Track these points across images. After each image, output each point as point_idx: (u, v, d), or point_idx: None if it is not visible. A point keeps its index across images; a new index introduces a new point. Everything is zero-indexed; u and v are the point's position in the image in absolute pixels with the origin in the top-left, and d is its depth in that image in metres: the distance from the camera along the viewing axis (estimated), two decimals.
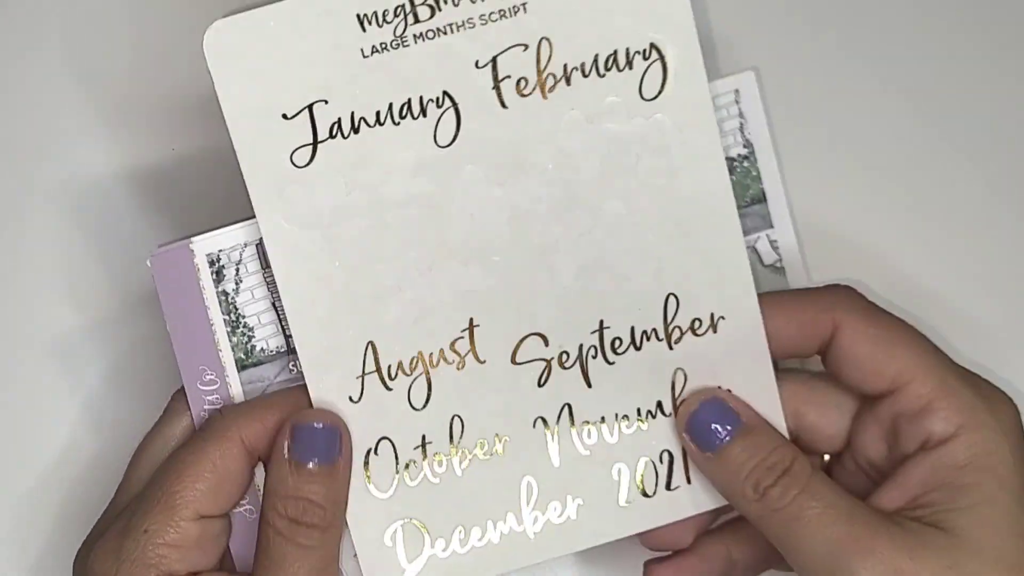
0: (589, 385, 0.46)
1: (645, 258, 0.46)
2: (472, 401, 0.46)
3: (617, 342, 0.46)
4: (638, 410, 0.46)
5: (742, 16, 0.54)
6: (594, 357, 0.46)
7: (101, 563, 0.43)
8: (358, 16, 0.44)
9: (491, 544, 0.46)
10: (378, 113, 0.44)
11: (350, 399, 0.45)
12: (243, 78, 0.44)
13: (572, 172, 0.45)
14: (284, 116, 0.44)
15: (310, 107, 0.44)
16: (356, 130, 0.44)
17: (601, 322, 0.46)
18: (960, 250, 0.54)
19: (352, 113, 0.44)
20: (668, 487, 0.47)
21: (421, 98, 0.44)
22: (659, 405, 0.46)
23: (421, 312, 0.45)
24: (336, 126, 0.44)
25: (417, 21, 0.44)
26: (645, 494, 0.47)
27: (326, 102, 0.44)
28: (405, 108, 0.44)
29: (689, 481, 0.47)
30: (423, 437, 0.46)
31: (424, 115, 0.44)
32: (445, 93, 0.44)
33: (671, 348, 0.46)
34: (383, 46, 0.44)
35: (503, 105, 0.45)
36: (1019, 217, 0.54)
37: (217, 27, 0.43)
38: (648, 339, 0.46)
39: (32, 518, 0.53)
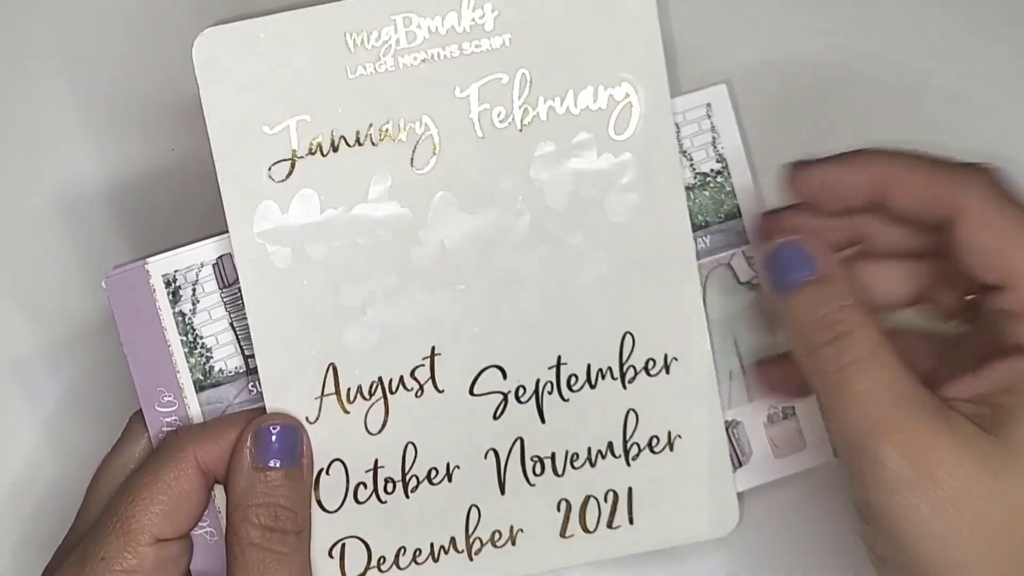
0: (543, 421, 0.47)
1: (604, 295, 0.47)
2: (428, 430, 0.46)
3: (573, 379, 0.47)
4: (588, 449, 0.47)
5: (710, 27, 0.53)
6: (550, 393, 0.47)
7: None
8: (346, 35, 0.45)
9: (431, 565, 0.47)
10: (358, 133, 0.45)
11: (307, 419, 0.46)
12: (229, 87, 0.44)
13: (540, 204, 0.46)
14: (266, 129, 0.45)
15: (292, 122, 0.45)
16: (335, 148, 0.45)
17: (559, 357, 0.47)
18: None
19: (332, 131, 0.45)
20: (610, 526, 0.47)
21: (401, 121, 0.45)
22: (610, 446, 0.47)
23: (384, 337, 0.46)
24: (316, 143, 0.45)
25: (402, 45, 0.45)
26: (587, 530, 0.47)
27: (308, 118, 0.45)
28: (385, 130, 0.45)
29: (632, 523, 0.47)
30: (375, 461, 0.46)
31: (403, 139, 0.45)
32: (425, 118, 0.45)
33: (625, 388, 0.47)
34: (368, 67, 0.45)
35: (480, 134, 0.46)
36: None
37: (207, 34, 0.44)
38: (603, 377, 0.47)
39: None
